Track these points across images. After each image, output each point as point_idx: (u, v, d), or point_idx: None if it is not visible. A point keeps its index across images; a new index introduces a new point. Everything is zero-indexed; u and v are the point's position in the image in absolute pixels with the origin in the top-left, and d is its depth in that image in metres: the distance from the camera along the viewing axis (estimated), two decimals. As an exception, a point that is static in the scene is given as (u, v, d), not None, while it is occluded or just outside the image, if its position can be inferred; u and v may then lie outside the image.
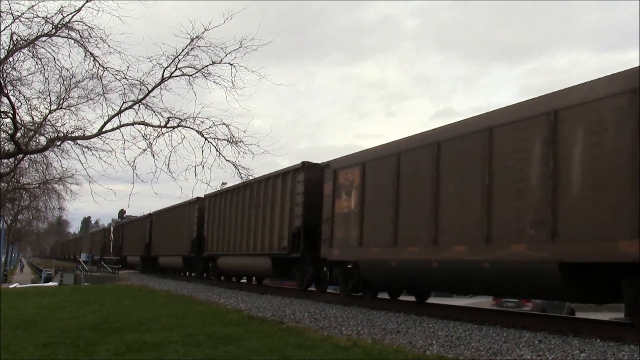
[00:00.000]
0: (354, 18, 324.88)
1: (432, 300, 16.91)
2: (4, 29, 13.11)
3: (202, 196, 28.11)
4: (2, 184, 29.17)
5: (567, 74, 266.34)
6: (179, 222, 32.45)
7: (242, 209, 23.78)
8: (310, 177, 18.47)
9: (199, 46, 14.06)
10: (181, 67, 14.43)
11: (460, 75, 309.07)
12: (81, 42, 13.57)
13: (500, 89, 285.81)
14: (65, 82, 14.82)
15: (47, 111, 15.62)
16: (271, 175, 21.09)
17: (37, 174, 29.50)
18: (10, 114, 14.15)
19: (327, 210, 17.03)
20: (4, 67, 13.41)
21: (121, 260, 45.69)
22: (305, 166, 18.82)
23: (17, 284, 41.41)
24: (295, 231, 18.74)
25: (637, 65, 9.40)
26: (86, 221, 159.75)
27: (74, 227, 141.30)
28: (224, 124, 14.47)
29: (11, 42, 13.13)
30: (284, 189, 19.95)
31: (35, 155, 22.21)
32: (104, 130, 14.74)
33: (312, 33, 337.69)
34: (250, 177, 15.47)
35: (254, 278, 26.68)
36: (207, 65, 14.33)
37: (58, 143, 15.78)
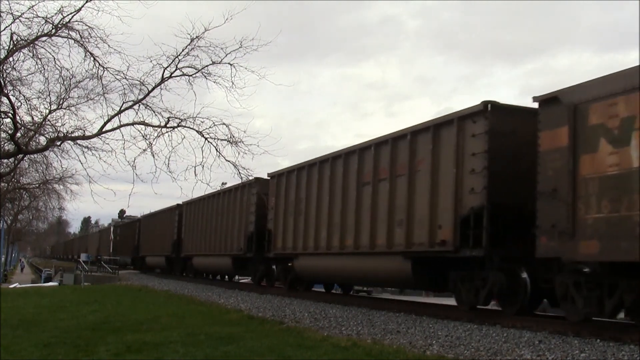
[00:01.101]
0: (356, 18, 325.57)
1: (432, 300, 16.93)
2: (4, 29, 13.11)
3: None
4: (2, 184, 29.14)
5: (568, 75, 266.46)
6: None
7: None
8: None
9: (199, 46, 14.04)
10: (181, 67, 14.41)
11: (461, 75, 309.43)
12: (81, 42, 13.56)
13: (501, 89, 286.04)
14: (65, 82, 14.80)
15: (47, 111, 15.60)
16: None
17: (37, 174, 29.51)
18: (10, 114, 14.14)
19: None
20: (4, 67, 13.40)
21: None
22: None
23: (17, 284, 41.43)
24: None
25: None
26: (86, 221, 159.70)
27: (74, 227, 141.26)
28: (224, 124, 14.46)
29: (11, 42, 13.12)
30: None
31: (35, 155, 22.19)
32: (104, 130, 14.73)
33: (314, 33, 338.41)
34: (250, 177, 15.50)
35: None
36: (207, 65, 14.32)
37: (58, 143, 15.76)
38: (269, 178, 21.65)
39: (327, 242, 17.25)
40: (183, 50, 14.10)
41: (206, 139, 14.49)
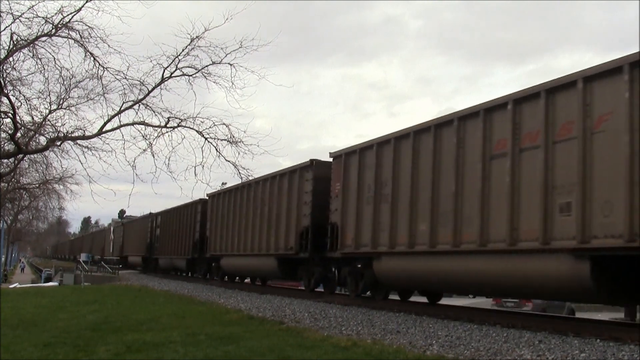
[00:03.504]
0: (358, 19, 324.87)
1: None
2: (4, 29, 13.13)
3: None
4: (2, 184, 29.15)
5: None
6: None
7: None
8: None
9: (199, 46, 14.08)
10: (181, 67, 14.45)
11: (462, 75, 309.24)
12: (81, 42, 13.59)
13: (503, 89, 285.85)
14: (65, 82, 14.82)
15: (47, 111, 15.62)
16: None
17: (37, 174, 29.53)
18: (10, 114, 14.15)
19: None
20: (4, 67, 13.41)
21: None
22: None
23: (17, 284, 41.43)
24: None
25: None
26: (86, 221, 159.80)
27: (74, 227, 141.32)
28: (224, 124, 14.49)
29: (11, 42, 13.15)
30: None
31: (35, 155, 22.20)
32: (104, 130, 14.75)
33: (316, 34, 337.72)
34: (250, 178, 15.46)
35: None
36: (207, 66, 14.35)
37: (58, 143, 15.77)
38: (330, 160, 17.44)
39: (431, 237, 13.16)
40: (183, 50, 14.14)
41: (206, 139, 14.52)
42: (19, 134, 15.62)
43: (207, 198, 27.49)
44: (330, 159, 17.44)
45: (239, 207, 23.98)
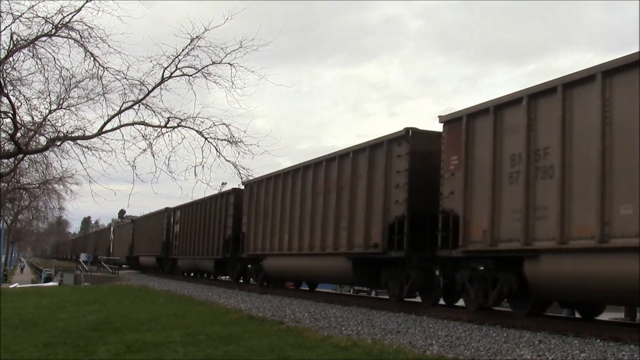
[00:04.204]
0: (358, 19, 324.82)
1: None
2: (4, 29, 13.15)
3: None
4: (2, 184, 29.16)
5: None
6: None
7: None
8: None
9: (199, 46, 14.11)
10: (181, 67, 14.49)
11: (463, 75, 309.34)
12: (81, 42, 13.61)
13: (503, 89, 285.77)
14: (65, 82, 14.85)
15: (47, 111, 15.64)
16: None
17: (37, 174, 29.56)
18: (10, 114, 14.16)
19: None
20: (4, 67, 13.43)
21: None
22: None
23: (17, 284, 41.45)
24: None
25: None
26: (86, 221, 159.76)
27: (74, 227, 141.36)
28: (224, 124, 14.53)
29: (11, 42, 13.17)
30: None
31: (35, 155, 22.21)
32: (104, 130, 14.78)
33: (316, 34, 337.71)
34: (250, 178, 15.43)
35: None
36: (207, 65, 14.38)
37: (58, 143, 15.79)
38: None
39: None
40: (183, 50, 14.17)
41: (206, 139, 14.56)
42: (19, 134, 15.64)
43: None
44: (440, 125, 13.43)
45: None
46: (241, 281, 25.25)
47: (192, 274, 33.52)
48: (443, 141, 13.12)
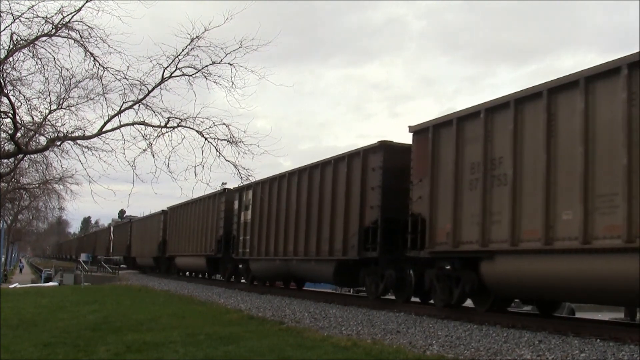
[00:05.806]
0: (361, 19, 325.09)
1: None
2: (4, 29, 13.12)
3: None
4: (2, 184, 29.14)
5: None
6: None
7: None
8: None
9: (199, 46, 14.06)
10: (181, 67, 14.44)
11: (465, 76, 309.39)
12: (81, 42, 13.58)
13: (505, 89, 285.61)
14: (65, 82, 14.81)
15: (47, 111, 15.61)
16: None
17: (37, 174, 29.51)
18: (10, 114, 14.14)
19: None
20: (4, 67, 13.40)
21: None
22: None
23: (17, 284, 41.42)
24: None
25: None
26: (86, 221, 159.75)
27: (74, 227, 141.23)
28: (224, 124, 14.49)
29: (11, 42, 13.13)
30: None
31: (35, 155, 22.19)
32: (104, 130, 14.74)
33: (319, 34, 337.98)
34: (251, 178, 15.39)
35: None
36: (207, 65, 14.34)
37: (58, 143, 15.77)
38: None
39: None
40: (183, 50, 14.13)
41: (206, 139, 14.52)
42: (19, 134, 15.61)
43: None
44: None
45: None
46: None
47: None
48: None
